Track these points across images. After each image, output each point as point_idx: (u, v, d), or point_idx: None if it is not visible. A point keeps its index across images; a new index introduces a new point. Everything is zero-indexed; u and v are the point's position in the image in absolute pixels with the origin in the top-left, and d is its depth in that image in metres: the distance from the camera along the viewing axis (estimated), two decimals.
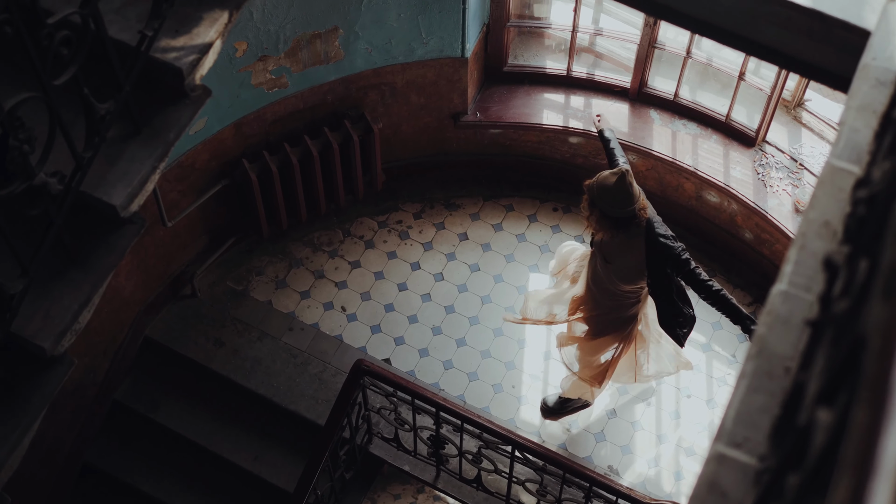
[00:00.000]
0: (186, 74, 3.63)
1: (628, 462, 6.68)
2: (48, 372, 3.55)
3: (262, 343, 6.97)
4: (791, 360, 1.94)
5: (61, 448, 6.46)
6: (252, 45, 6.17)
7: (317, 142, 6.84)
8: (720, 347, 7.04)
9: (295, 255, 7.37)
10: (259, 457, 6.70)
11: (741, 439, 1.84)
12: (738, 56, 6.79)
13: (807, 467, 1.16)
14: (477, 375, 6.95)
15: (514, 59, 7.38)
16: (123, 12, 3.68)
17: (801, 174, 6.92)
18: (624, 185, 5.28)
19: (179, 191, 6.52)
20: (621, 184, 5.28)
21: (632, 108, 7.28)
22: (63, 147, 3.26)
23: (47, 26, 2.91)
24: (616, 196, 5.29)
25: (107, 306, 6.24)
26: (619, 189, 5.29)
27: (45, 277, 3.50)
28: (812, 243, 2.20)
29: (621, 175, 5.28)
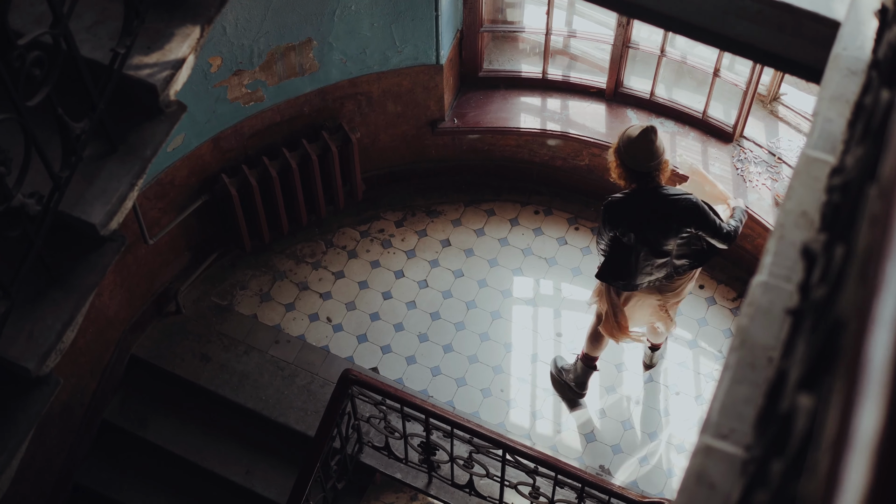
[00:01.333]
0: (161, 91, 3.63)
1: (619, 461, 6.69)
2: (34, 393, 3.54)
3: (249, 357, 6.96)
4: (773, 350, 1.94)
5: (51, 469, 6.43)
6: (226, 59, 6.17)
7: (295, 154, 6.84)
8: (706, 343, 7.06)
9: (278, 267, 7.37)
10: (250, 470, 6.69)
11: (727, 431, 1.85)
12: (712, 53, 6.82)
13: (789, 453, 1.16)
14: (465, 381, 6.95)
15: (489, 64, 7.40)
16: (94, 31, 3.68)
17: (779, 168, 6.95)
18: (646, 141, 5.49)
19: (160, 208, 6.51)
20: (644, 139, 5.48)
21: (609, 108, 7.30)
22: (40, 167, 3.25)
23: (18, 48, 2.91)
24: (638, 150, 5.50)
25: (92, 326, 6.22)
26: (642, 143, 5.50)
27: (27, 298, 3.49)
28: (790, 233, 2.21)
29: (646, 130, 5.49)
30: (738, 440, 1.83)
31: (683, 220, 5.63)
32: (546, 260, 7.41)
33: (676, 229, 5.67)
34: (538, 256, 7.43)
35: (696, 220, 5.62)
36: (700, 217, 5.61)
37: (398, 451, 6.42)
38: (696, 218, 5.61)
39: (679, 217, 5.63)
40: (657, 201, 5.63)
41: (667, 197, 5.62)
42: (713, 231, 5.64)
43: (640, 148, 5.49)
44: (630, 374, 6.96)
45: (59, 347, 3.50)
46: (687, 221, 5.63)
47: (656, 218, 5.66)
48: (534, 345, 7.08)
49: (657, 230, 5.69)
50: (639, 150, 5.50)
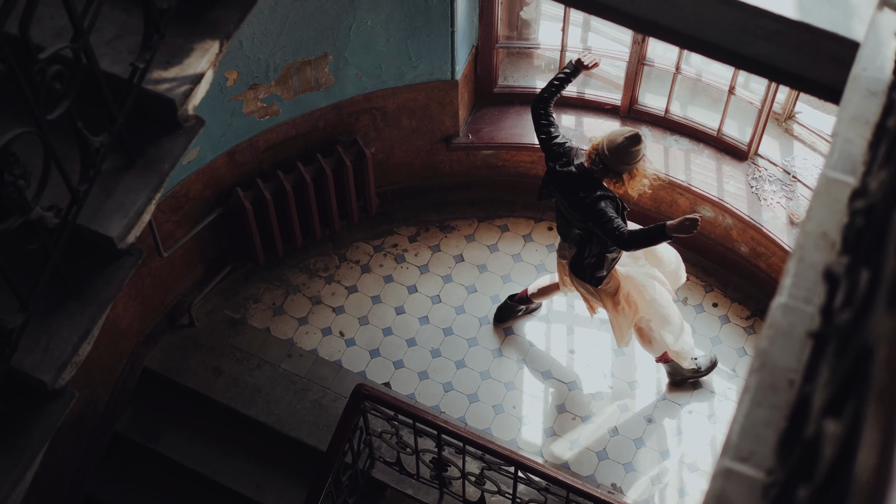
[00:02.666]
0: (179, 105, 3.64)
1: (632, 479, 6.67)
2: (49, 405, 3.55)
3: (262, 370, 6.96)
4: (794, 373, 1.94)
5: (62, 481, 6.43)
6: (242, 73, 6.19)
7: (310, 168, 6.85)
8: (720, 362, 7.03)
9: (291, 281, 7.37)
10: (261, 484, 6.68)
11: (747, 453, 1.84)
12: (727, 70, 6.81)
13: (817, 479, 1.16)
14: (477, 397, 6.94)
15: (504, 80, 7.40)
16: (114, 45, 3.69)
17: (794, 186, 6.93)
18: (630, 145, 5.86)
19: (174, 221, 6.53)
20: (631, 143, 5.85)
21: (623, 125, 7.29)
22: (58, 180, 3.26)
23: (39, 61, 2.92)
24: (621, 152, 5.86)
25: (105, 338, 6.23)
26: (627, 147, 5.86)
27: (44, 311, 3.49)
28: (810, 255, 2.20)
29: (633, 137, 5.85)
30: (759, 463, 1.82)
31: (586, 213, 5.91)
32: None
33: (580, 219, 6.00)
34: (551, 273, 7.41)
35: (594, 217, 5.87)
36: (596, 216, 5.86)
37: (410, 467, 6.41)
38: (593, 216, 5.87)
39: (585, 209, 5.91)
40: (587, 191, 5.91)
41: (593, 192, 5.89)
42: (606, 231, 5.84)
43: (622, 151, 5.81)
44: (643, 392, 6.94)
45: (74, 360, 3.50)
46: (588, 216, 5.91)
47: (574, 202, 5.97)
48: (546, 362, 7.07)
49: (573, 212, 6.03)
50: (622, 152, 5.81)
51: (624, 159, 5.83)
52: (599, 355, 7.06)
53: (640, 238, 5.83)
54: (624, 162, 5.84)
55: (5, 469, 3.42)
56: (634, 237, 5.80)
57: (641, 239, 5.83)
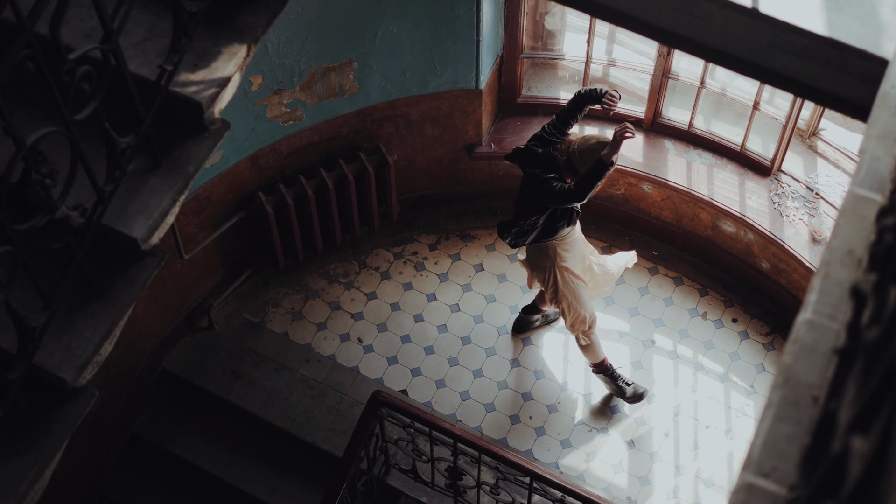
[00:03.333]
0: (206, 108, 3.65)
1: (647, 493, 6.65)
2: (69, 404, 3.56)
3: (279, 375, 6.97)
4: (818, 389, 1.93)
5: (78, 480, 6.45)
6: (267, 78, 6.21)
7: (332, 174, 6.86)
8: (738, 378, 7.02)
9: (311, 286, 7.38)
10: (276, 489, 6.69)
11: (769, 469, 1.83)
12: (752, 85, 6.80)
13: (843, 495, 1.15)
14: (494, 406, 6.94)
15: (527, 91, 7.41)
16: (143, 47, 3.71)
17: (817, 203, 6.91)
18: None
19: (196, 224, 6.55)
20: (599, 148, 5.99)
21: (646, 138, 7.29)
22: (84, 180, 3.28)
23: (68, 62, 2.94)
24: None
25: (124, 338, 6.20)
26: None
27: (67, 310, 3.51)
28: (836, 272, 2.19)
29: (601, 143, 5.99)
30: (781, 479, 1.81)
31: (536, 187, 6.10)
32: None
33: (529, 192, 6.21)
34: None
35: (542, 191, 6.06)
36: (543, 189, 6.05)
37: (425, 475, 6.41)
38: (541, 190, 6.06)
39: (536, 184, 6.10)
40: (543, 170, 6.11)
41: (547, 173, 6.09)
42: (554, 195, 6.02)
43: (590, 153, 5.94)
44: (660, 406, 6.92)
45: (96, 360, 3.51)
46: (537, 190, 6.10)
47: (528, 175, 6.20)
48: (563, 373, 7.06)
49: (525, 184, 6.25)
50: (589, 154, 5.94)
51: (588, 161, 5.94)
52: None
53: (584, 182, 5.93)
54: (587, 163, 5.94)
55: (25, 467, 3.43)
56: (580, 184, 5.94)
57: (586, 181, 5.92)
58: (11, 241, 2.99)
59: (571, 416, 6.89)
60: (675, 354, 7.13)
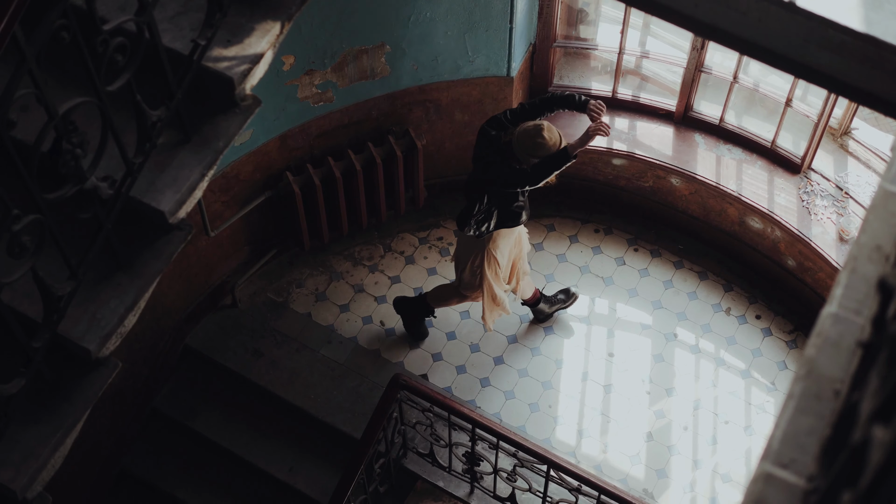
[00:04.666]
0: (237, 84, 3.66)
1: (663, 486, 6.64)
2: (92, 374, 3.59)
3: (301, 355, 6.99)
4: (840, 383, 1.92)
5: (99, 452, 6.50)
6: (299, 58, 6.21)
7: (360, 157, 6.87)
8: (759, 374, 6.99)
9: (335, 268, 7.40)
10: (294, 468, 6.71)
11: (788, 460, 1.83)
12: (785, 82, 6.76)
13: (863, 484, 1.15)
14: (514, 394, 6.94)
15: (559, 80, 7.39)
16: (177, 21, 3.72)
17: (846, 203, 6.87)
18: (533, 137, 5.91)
19: (223, 201, 6.57)
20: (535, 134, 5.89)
21: (676, 131, 7.26)
22: (114, 152, 3.30)
23: (103, 33, 2.95)
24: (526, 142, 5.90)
25: (148, 314, 6.24)
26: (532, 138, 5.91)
27: (93, 280, 3.53)
28: (863, 267, 2.18)
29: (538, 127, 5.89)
30: (800, 470, 1.81)
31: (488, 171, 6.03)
32: (603, 279, 7.39)
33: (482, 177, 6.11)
34: (595, 275, 7.40)
35: (494, 175, 6.00)
36: (495, 173, 5.99)
37: (442, 459, 6.42)
38: (494, 175, 6.00)
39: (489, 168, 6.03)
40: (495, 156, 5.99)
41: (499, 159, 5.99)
42: (509, 178, 5.97)
43: (526, 139, 5.84)
44: (680, 400, 6.91)
45: (119, 331, 3.54)
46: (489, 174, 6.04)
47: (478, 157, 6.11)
48: (585, 363, 7.05)
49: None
50: (526, 140, 5.85)
51: (527, 149, 5.84)
52: (639, 360, 7.04)
53: (542, 168, 5.88)
54: (527, 152, 5.85)
55: (47, 434, 3.46)
56: (537, 167, 5.88)
57: (544, 167, 5.87)
58: (40, 209, 3.01)
59: (591, 407, 6.89)
60: (696, 349, 7.11)
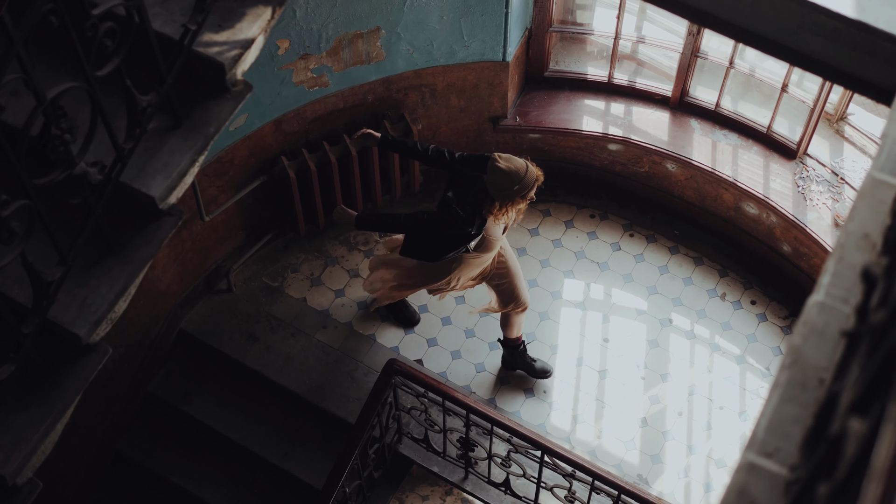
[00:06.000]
0: (228, 69, 3.65)
1: (658, 471, 6.65)
2: (82, 359, 3.58)
3: (296, 340, 6.99)
4: (826, 372, 1.92)
5: (93, 437, 6.50)
6: (294, 43, 6.20)
7: (356, 141, 6.85)
8: (754, 360, 7.00)
9: (331, 253, 7.39)
10: (288, 453, 6.72)
11: (772, 449, 1.83)
12: (781, 67, 6.75)
13: (838, 477, 1.14)
14: (508, 380, 6.94)
15: (555, 65, 7.37)
16: (167, 5, 3.71)
17: (841, 188, 6.86)
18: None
19: (218, 186, 6.56)
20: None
21: (672, 116, 7.25)
22: (104, 138, 3.29)
23: (92, 17, 2.94)
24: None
25: (143, 298, 6.28)
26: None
27: (83, 266, 3.53)
28: (850, 255, 2.17)
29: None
30: (783, 459, 1.81)
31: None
32: (598, 264, 7.38)
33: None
34: (591, 260, 7.40)
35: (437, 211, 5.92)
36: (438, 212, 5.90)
37: (437, 445, 6.43)
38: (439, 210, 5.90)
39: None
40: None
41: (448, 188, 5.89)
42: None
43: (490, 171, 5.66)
44: (674, 385, 6.91)
45: (110, 317, 3.53)
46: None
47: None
48: (580, 348, 7.05)
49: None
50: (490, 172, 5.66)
51: (490, 181, 5.66)
52: (633, 346, 7.04)
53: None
54: (496, 188, 5.65)
55: (37, 419, 3.46)
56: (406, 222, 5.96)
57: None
58: (29, 194, 3.01)
59: (586, 392, 6.89)
60: (692, 334, 7.11)
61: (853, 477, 1.06)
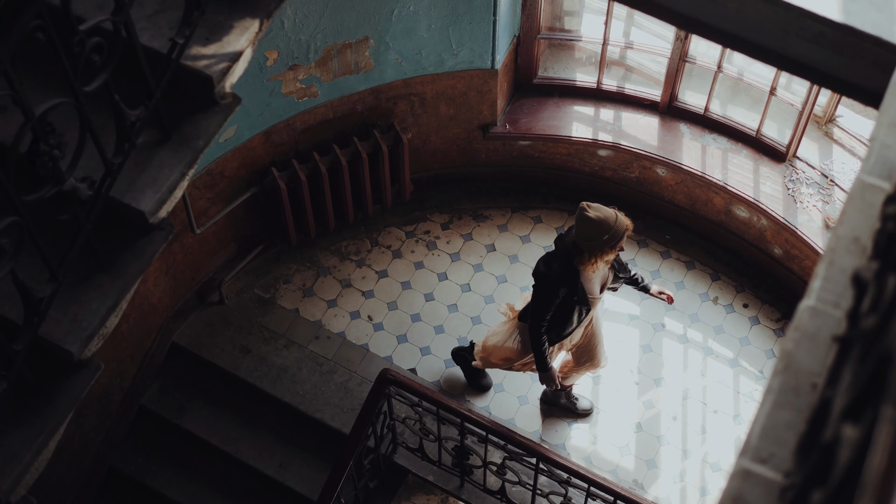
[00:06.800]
0: (216, 82, 3.64)
1: (653, 476, 6.65)
2: (75, 376, 3.57)
3: (289, 351, 6.99)
4: (818, 377, 1.92)
5: (87, 452, 6.48)
6: (283, 54, 6.20)
7: (346, 151, 6.85)
8: (748, 363, 7.00)
9: (322, 263, 7.39)
10: (284, 464, 6.71)
11: (766, 455, 1.83)
12: (769, 71, 6.76)
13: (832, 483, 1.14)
14: (502, 387, 6.94)
15: (543, 72, 7.38)
16: (155, 20, 3.70)
17: (831, 190, 6.88)
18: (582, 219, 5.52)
19: (208, 198, 6.55)
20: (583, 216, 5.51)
21: (662, 121, 7.26)
22: (93, 152, 3.28)
23: (79, 33, 2.93)
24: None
25: (135, 312, 6.27)
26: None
27: (74, 282, 3.52)
28: (841, 259, 2.18)
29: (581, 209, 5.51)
30: (778, 465, 1.81)
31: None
32: None
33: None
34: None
35: (535, 293, 5.77)
36: (535, 285, 5.74)
37: (432, 454, 6.42)
38: (536, 292, 5.76)
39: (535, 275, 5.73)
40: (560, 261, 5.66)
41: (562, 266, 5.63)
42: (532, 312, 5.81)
43: (578, 222, 5.50)
44: (668, 390, 6.91)
45: (102, 332, 3.52)
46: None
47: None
48: None
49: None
50: (577, 223, 5.50)
51: (578, 233, 5.50)
52: (627, 351, 7.04)
53: (537, 350, 5.87)
54: (584, 237, 5.49)
55: (30, 437, 3.44)
56: (535, 344, 5.83)
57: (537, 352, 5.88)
58: (19, 211, 3.00)
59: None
60: (684, 338, 7.11)
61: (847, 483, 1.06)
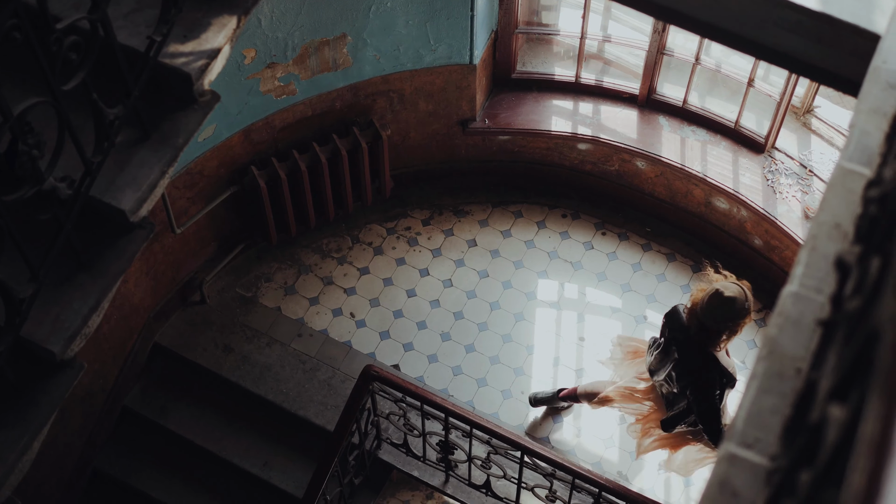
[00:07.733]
0: (195, 80, 3.63)
1: (638, 467, 6.67)
2: (57, 376, 3.55)
3: (272, 349, 6.98)
4: (802, 361, 1.93)
5: (70, 454, 6.46)
6: (260, 52, 6.18)
7: (325, 149, 6.84)
8: (731, 354, 7.01)
9: (304, 261, 7.38)
10: (268, 462, 6.70)
11: (752, 440, 1.84)
12: (747, 62, 6.79)
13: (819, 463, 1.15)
14: (486, 381, 6.94)
15: (522, 66, 7.39)
16: (132, 18, 3.69)
17: (810, 180, 6.91)
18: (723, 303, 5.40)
19: (188, 198, 6.53)
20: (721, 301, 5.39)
21: (640, 114, 7.28)
22: (72, 152, 3.26)
23: (56, 31, 2.92)
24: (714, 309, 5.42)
25: (116, 313, 6.25)
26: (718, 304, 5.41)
27: (55, 282, 3.50)
28: (823, 245, 2.19)
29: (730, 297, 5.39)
30: (763, 450, 1.81)
31: (691, 379, 5.61)
32: (572, 264, 7.40)
33: (683, 380, 5.65)
34: (564, 260, 7.42)
35: (695, 391, 5.58)
36: (698, 392, 5.58)
37: (416, 449, 6.42)
38: (695, 389, 5.58)
39: (690, 373, 5.61)
40: (695, 351, 5.56)
41: (702, 356, 5.54)
42: (701, 414, 5.61)
43: (715, 308, 5.37)
44: None
45: (84, 332, 3.51)
46: (690, 383, 5.60)
47: (684, 361, 5.62)
48: (556, 348, 7.06)
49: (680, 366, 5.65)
50: (714, 309, 5.37)
51: (719, 318, 5.38)
52: (609, 344, 7.05)
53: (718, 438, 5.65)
54: (726, 318, 5.38)
55: (13, 438, 3.43)
56: (718, 436, 5.62)
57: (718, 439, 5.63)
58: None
59: None
60: None
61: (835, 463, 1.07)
